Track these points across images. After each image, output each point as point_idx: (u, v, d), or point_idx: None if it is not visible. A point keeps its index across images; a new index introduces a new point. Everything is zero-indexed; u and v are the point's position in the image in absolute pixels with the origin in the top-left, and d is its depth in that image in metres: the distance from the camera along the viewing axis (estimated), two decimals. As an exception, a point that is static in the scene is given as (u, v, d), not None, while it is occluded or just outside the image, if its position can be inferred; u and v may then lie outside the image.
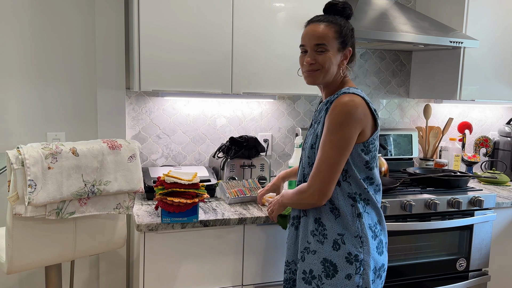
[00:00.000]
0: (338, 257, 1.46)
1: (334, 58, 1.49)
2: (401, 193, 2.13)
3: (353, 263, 1.44)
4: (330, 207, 1.49)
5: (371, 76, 2.76)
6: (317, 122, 1.56)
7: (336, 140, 1.41)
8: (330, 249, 1.47)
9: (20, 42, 2.11)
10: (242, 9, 2.04)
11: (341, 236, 1.46)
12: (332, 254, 1.47)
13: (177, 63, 1.98)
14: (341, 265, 1.45)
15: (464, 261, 2.22)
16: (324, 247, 1.48)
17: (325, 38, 1.48)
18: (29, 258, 1.59)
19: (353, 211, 1.47)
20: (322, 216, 1.50)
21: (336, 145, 1.41)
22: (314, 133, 1.54)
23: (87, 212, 1.63)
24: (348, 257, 1.45)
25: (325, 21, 1.49)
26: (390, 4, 2.43)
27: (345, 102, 1.42)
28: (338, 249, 1.46)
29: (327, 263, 1.47)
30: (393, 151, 2.72)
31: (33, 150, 1.50)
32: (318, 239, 1.50)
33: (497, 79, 2.61)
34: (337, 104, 1.42)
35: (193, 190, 1.70)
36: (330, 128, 1.42)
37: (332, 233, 1.47)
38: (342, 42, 1.49)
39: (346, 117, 1.40)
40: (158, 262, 1.75)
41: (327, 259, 1.47)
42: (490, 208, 2.22)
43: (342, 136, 1.41)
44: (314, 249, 1.50)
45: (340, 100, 1.43)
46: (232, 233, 1.84)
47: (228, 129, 2.47)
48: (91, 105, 2.25)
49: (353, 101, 1.42)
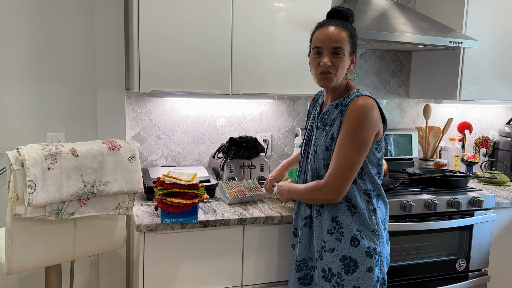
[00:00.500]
0: (358, 252, 1.52)
1: (346, 62, 1.55)
2: (400, 194, 2.13)
3: (373, 256, 1.52)
4: (346, 205, 1.54)
5: (371, 76, 2.76)
6: (328, 124, 1.58)
7: (356, 142, 1.47)
8: (348, 246, 1.53)
9: (19, 42, 2.11)
10: (241, 9, 2.04)
11: (359, 231, 1.53)
12: (351, 250, 1.52)
13: (177, 64, 1.98)
14: (361, 260, 1.51)
15: (464, 261, 2.22)
16: (343, 244, 1.53)
17: (342, 41, 1.51)
18: (29, 259, 1.59)
19: (369, 207, 1.55)
20: (339, 215, 1.55)
21: (356, 147, 1.47)
22: (327, 135, 1.57)
23: (86, 213, 1.63)
24: (368, 251, 1.52)
25: (340, 26, 1.53)
26: (389, 4, 2.43)
27: (362, 105, 1.48)
28: (357, 245, 1.52)
29: (347, 259, 1.53)
30: (393, 151, 2.72)
31: (32, 151, 1.50)
32: (336, 237, 1.55)
33: (497, 79, 2.61)
34: (356, 107, 1.48)
35: (193, 190, 1.70)
36: (349, 130, 1.48)
37: (350, 230, 1.53)
38: (352, 47, 1.55)
39: (365, 119, 1.47)
40: (158, 263, 1.75)
41: (346, 255, 1.53)
42: (490, 208, 2.22)
43: (362, 138, 1.47)
44: (331, 247, 1.55)
45: (357, 103, 1.49)
46: (231, 234, 1.84)
47: (227, 130, 2.47)
48: (90, 106, 2.25)
49: (370, 104, 1.49)
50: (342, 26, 1.53)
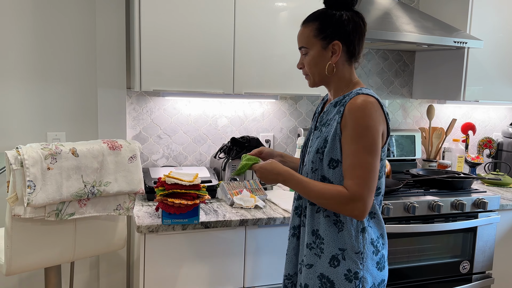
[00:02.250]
0: (336, 274, 1.35)
1: (318, 57, 1.38)
2: (404, 195, 2.11)
3: (353, 281, 1.34)
4: (334, 220, 1.36)
5: (374, 76, 2.74)
6: (325, 124, 1.41)
7: (369, 145, 1.28)
8: (327, 265, 1.36)
9: (20, 41, 2.09)
10: (244, 8, 2.02)
11: (342, 251, 1.35)
12: (329, 270, 1.36)
13: (178, 63, 1.96)
14: (339, 283, 1.34)
15: (468, 264, 2.20)
16: (321, 261, 1.37)
17: (303, 39, 1.40)
18: (28, 260, 1.58)
19: (357, 225, 1.35)
20: (321, 228, 1.38)
21: (371, 150, 1.28)
22: (321, 137, 1.39)
23: (87, 213, 1.62)
24: (347, 274, 1.34)
25: (307, 21, 1.41)
26: (393, 3, 2.40)
27: (362, 102, 1.30)
28: (337, 265, 1.35)
29: (324, 278, 1.36)
30: (396, 152, 2.70)
31: (32, 150, 1.48)
32: (315, 252, 1.39)
33: (501, 80, 2.58)
34: (355, 106, 1.30)
35: (194, 191, 1.68)
36: (358, 132, 1.29)
37: (332, 247, 1.36)
38: (324, 38, 1.36)
39: (370, 118, 1.29)
40: (159, 264, 1.73)
41: (324, 274, 1.36)
42: (494, 210, 2.20)
43: (373, 139, 1.29)
44: (310, 263, 1.39)
45: (356, 101, 1.30)
46: (233, 235, 1.82)
47: (229, 130, 2.46)
48: (91, 105, 2.24)
49: (371, 103, 1.30)
50: (310, 20, 1.40)
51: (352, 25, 1.36)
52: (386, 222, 2.00)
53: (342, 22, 1.36)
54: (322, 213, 1.38)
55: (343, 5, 1.37)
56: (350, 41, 1.37)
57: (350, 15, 1.37)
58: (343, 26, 1.36)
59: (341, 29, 1.36)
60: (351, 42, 1.37)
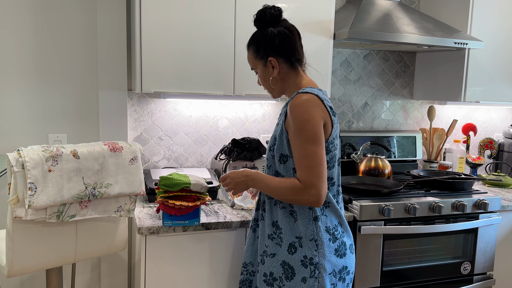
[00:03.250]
0: (294, 261, 1.46)
1: (264, 74, 1.54)
2: (405, 196, 2.11)
3: (308, 266, 1.44)
4: (290, 210, 1.48)
5: (375, 77, 2.74)
6: (277, 124, 1.54)
7: (311, 136, 1.38)
8: (286, 252, 1.47)
9: (21, 43, 2.10)
10: (244, 10, 2.02)
11: (298, 239, 1.46)
12: (288, 257, 1.47)
13: (179, 65, 1.97)
14: (297, 268, 1.45)
15: (469, 265, 2.20)
16: (282, 249, 1.48)
17: (250, 62, 1.58)
18: (30, 261, 1.58)
19: (310, 214, 1.46)
20: (279, 219, 1.49)
21: (314, 140, 1.38)
22: (272, 136, 1.53)
23: (88, 215, 1.62)
24: (303, 260, 1.45)
25: (247, 45, 1.56)
26: (394, 5, 2.41)
27: (300, 100, 1.41)
28: (294, 252, 1.46)
29: (286, 265, 1.47)
30: (397, 153, 2.69)
31: (33, 152, 1.48)
32: (276, 242, 1.50)
33: (502, 80, 2.58)
34: (294, 104, 1.41)
35: (195, 193, 1.68)
36: (298, 126, 1.39)
37: (289, 236, 1.47)
38: (261, 58, 1.52)
39: (307, 113, 1.39)
40: (160, 265, 1.73)
41: (285, 261, 1.47)
42: (495, 211, 2.20)
43: (313, 131, 1.38)
44: (272, 252, 1.50)
45: (295, 100, 1.42)
46: (234, 236, 1.82)
47: (230, 131, 2.46)
48: (92, 107, 2.24)
49: (307, 99, 1.40)
50: (249, 44, 1.56)
51: (278, 39, 1.49)
52: (387, 224, 2.00)
53: (269, 40, 1.49)
54: (279, 205, 1.50)
55: (268, 23, 1.50)
56: (282, 52, 1.50)
57: (276, 30, 1.49)
58: (271, 43, 1.49)
59: (270, 46, 1.49)
60: (284, 53, 1.50)
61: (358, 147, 2.57)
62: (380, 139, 2.66)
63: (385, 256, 2.03)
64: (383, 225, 1.99)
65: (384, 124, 2.81)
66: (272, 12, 1.50)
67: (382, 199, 2.03)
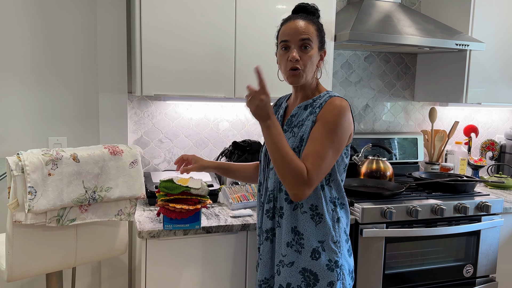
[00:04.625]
0: (319, 266, 1.41)
1: (315, 57, 1.45)
2: (407, 198, 2.10)
3: (334, 270, 1.42)
4: (311, 214, 1.43)
5: (376, 79, 2.73)
6: (297, 125, 1.47)
7: (337, 142, 1.37)
8: (308, 259, 1.42)
9: (21, 46, 2.09)
10: (244, 12, 2.02)
11: (321, 243, 1.42)
12: (312, 264, 1.42)
13: (179, 67, 1.96)
14: (322, 274, 1.41)
15: (471, 268, 2.19)
16: (302, 256, 1.43)
17: (311, 34, 1.42)
18: (30, 266, 1.57)
19: (333, 216, 1.45)
20: (299, 225, 1.44)
21: (338, 148, 1.38)
22: (295, 137, 1.45)
23: (88, 219, 1.61)
24: (329, 264, 1.42)
25: (307, 20, 1.44)
26: (394, 6, 2.40)
27: (340, 104, 1.40)
28: (318, 257, 1.42)
29: (307, 272, 1.42)
30: (398, 155, 2.68)
31: (33, 156, 1.48)
32: (296, 249, 1.44)
33: (503, 82, 2.57)
34: (334, 106, 1.39)
35: (196, 196, 1.67)
36: (333, 128, 1.37)
37: (311, 241, 1.42)
38: (321, 41, 1.47)
39: (343, 119, 1.38)
40: (160, 269, 1.72)
41: (306, 268, 1.42)
42: (497, 213, 2.19)
43: (341, 139, 1.39)
44: (291, 261, 1.44)
45: (334, 102, 1.40)
46: (235, 240, 1.81)
47: (231, 133, 2.45)
48: (93, 110, 2.23)
49: (346, 105, 1.41)
50: (309, 20, 1.45)
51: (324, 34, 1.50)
52: (389, 226, 1.99)
53: (324, 32, 1.49)
54: (299, 210, 1.44)
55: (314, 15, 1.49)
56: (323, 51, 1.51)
57: None
58: (325, 36, 1.50)
59: (325, 38, 1.50)
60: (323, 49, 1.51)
61: (359, 149, 2.56)
62: (382, 141, 2.65)
63: (387, 259, 2.02)
64: (385, 228, 1.98)
65: (385, 126, 2.80)
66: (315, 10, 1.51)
67: (384, 202, 2.01)
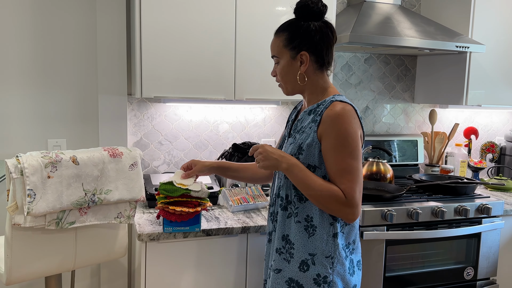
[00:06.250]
0: (306, 279, 1.37)
1: (288, 67, 1.41)
2: (407, 201, 2.09)
3: (321, 285, 1.37)
4: (305, 225, 1.39)
5: (376, 81, 2.73)
6: (299, 132, 1.43)
7: (354, 150, 1.32)
8: (296, 269, 1.39)
9: (20, 48, 2.08)
10: (245, 13, 2.01)
11: (312, 256, 1.38)
12: (299, 275, 1.38)
13: (179, 69, 1.96)
14: (308, 287, 1.37)
15: (472, 270, 2.18)
16: (290, 266, 1.40)
17: (274, 49, 1.44)
18: (29, 269, 1.56)
19: (330, 230, 1.38)
20: (291, 234, 1.41)
21: (356, 155, 1.32)
22: (295, 143, 1.41)
23: (87, 222, 1.60)
24: (316, 279, 1.37)
25: (278, 31, 1.44)
26: (394, 8, 2.40)
27: (342, 111, 1.33)
28: (306, 270, 1.38)
29: (293, 283, 1.39)
30: (398, 157, 2.68)
31: (32, 158, 1.47)
32: (284, 258, 1.41)
33: (503, 84, 2.57)
34: (336, 114, 1.33)
35: (196, 198, 1.66)
36: (342, 140, 1.32)
37: (302, 253, 1.38)
38: (293, 48, 1.40)
39: (350, 126, 1.32)
40: (160, 272, 1.71)
41: (293, 279, 1.39)
42: (498, 215, 2.18)
43: (356, 145, 1.33)
44: (278, 268, 1.42)
45: (335, 109, 1.34)
46: (235, 242, 1.80)
47: (231, 135, 2.44)
48: (92, 112, 2.23)
49: (349, 111, 1.34)
50: (281, 30, 1.43)
51: (319, 36, 1.39)
52: (389, 229, 1.98)
53: (310, 33, 1.38)
54: (293, 219, 1.41)
55: (312, 16, 1.40)
56: (317, 51, 1.40)
57: (318, 26, 1.39)
58: (311, 37, 1.38)
59: (309, 39, 1.39)
60: (319, 52, 1.40)
61: (359, 151, 2.55)
62: (382, 143, 2.64)
63: (387, 261, 2.02)
64: (386, 230, 1.97)
65: (386, 128, 2.79)
66: (319, 6, 1.39)
67: (384, 204, 2.01)
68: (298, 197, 1.40)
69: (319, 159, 1.36)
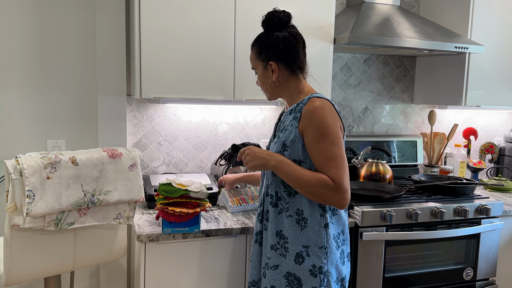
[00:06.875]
0: (302, 271, 1.43)
1: (263, 76, 1.53)
2: (406, 201, 2.09)
3: (318, 276, 1.42)
4: (296, 219, 1.44)
5: (375, 81, 2.73)
6: (282, 131, 1.50)
7: (335, 138, 1.38)
8: (292, 263, 1.43)
9: (19, 48, 2.08)
10: (244, 14, 2.01)
11: (306, 248, 1.43)
12: (295, 268, 1.43)
13: (179, 70, 1.96)
14: (305, 279, 1.42)
15: (471, 271, 2.18)
16: (287, 260, 1.44)
17: (251, 62, 1.56)
18: (28, 270, 1.56)
19: (320, 221, 1.44)
20: (284, 228, 1.46)
21: (338, 143, 1.39)
22: (279, 142, 1.48)
23: (86, 223, 1.60)
24: (312, 270, 1.42)
25: (251, 45, 1.56)
26: (394, 9, 2.40)
27: (318, 103, 1.41)
28: (301, 262, 1.43)
29: (291, 276, 1.43)
30: (397, 158, 2.68)
31: (31, 159, 1.47)
32: (280, 253, 1.46)
33: (502, 85, 2.57)
34: (313, 107, 1.40)
35: (195, 199, 1.66)
36: (322, 129, 1.38)
37: (296, 245, 1.43)
38: (263, 60, 1.51)
39: (328, 116, 1.39)
40: (159, 273, 1.71)
41: (290, 272, 1.44)
42: (497, 216, 2.18)
43: (336, 133, 1.39)
44: (275, 264, 1.46)
45: (312, 104, 1.41)
46: (234, 243, 1.80)
47: (230, 136, 2.44)
48: (91, 112, 2.23)
49: (324, 103, 1.42)
50: (253, 44, 1.55)
51: (282, 45, 1.48)
52: (389, 230, 1.98)
53: (274, 44, 1.48)
54: (284, 214, 1.46)
55: (278, 27, 1.49)
56: (284, 59, 1.49)
57: (282, 36, 1.48)
58: (275, 47, 1.48)
59: (274, 50, 1.48)
60: (286, 59, 1.49)
61: (358, 152, 2.56)
62: (381, 144, 2.64)
63: (387, 262, 2.02)
64: (385, 231, 1.97)
65: (385, 129, 2.79)
66: (281, 16, 1.48)
67: (383, 205, 2.01)
68: (287, 193, 1.46)
69: (303, 154, 1.42)
